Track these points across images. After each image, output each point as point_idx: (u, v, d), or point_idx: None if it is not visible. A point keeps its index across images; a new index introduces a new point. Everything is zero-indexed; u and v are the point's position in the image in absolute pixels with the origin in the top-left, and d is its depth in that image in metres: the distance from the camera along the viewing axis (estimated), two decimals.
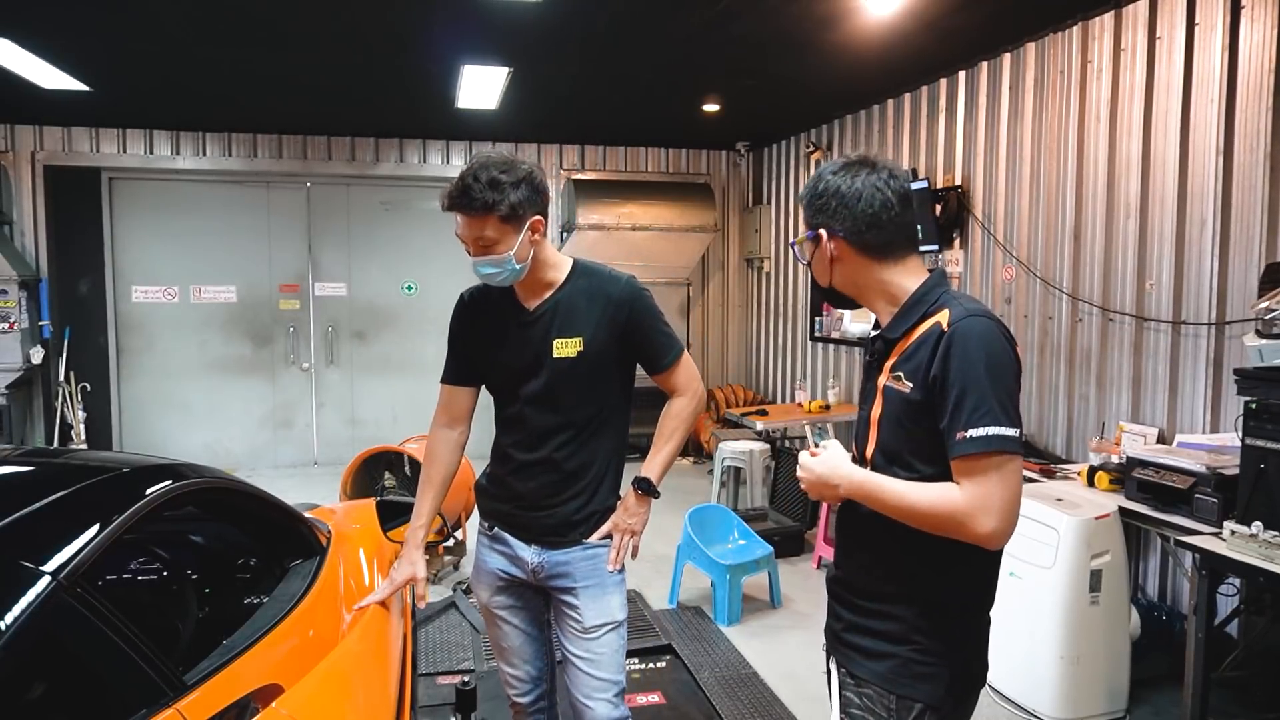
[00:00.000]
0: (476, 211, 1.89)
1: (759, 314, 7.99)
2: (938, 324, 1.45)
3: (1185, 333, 3.67)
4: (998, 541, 1.39)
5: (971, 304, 1.48)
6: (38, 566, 1.31)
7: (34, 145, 6.78)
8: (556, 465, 2.04)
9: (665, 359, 2.09)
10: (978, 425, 1.36)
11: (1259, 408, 2.71)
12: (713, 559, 4.21)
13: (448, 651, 3.83)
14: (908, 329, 1.51)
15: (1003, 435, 1.36)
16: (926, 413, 1.44)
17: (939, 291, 1.52)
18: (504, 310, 2.08)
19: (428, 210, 7.80)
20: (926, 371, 1.43)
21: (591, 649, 2.07)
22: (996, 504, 1.36)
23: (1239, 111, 3.42)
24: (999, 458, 1.36)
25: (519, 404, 2.05)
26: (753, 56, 4.91)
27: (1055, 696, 3.10)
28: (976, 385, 1.38)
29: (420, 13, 4.11)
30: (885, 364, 1.54)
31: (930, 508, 1.41)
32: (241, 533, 2.29)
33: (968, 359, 1.39)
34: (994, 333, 1.42)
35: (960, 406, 1.38)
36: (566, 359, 2.00)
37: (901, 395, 1.48)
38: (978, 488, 1.37)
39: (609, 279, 2.06)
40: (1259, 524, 2.60)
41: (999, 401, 1.37)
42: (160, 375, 7.38)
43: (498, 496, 2.14)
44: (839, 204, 1.53)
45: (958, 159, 5.16)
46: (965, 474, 1.39)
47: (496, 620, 2.20)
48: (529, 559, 2.09)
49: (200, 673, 1.51)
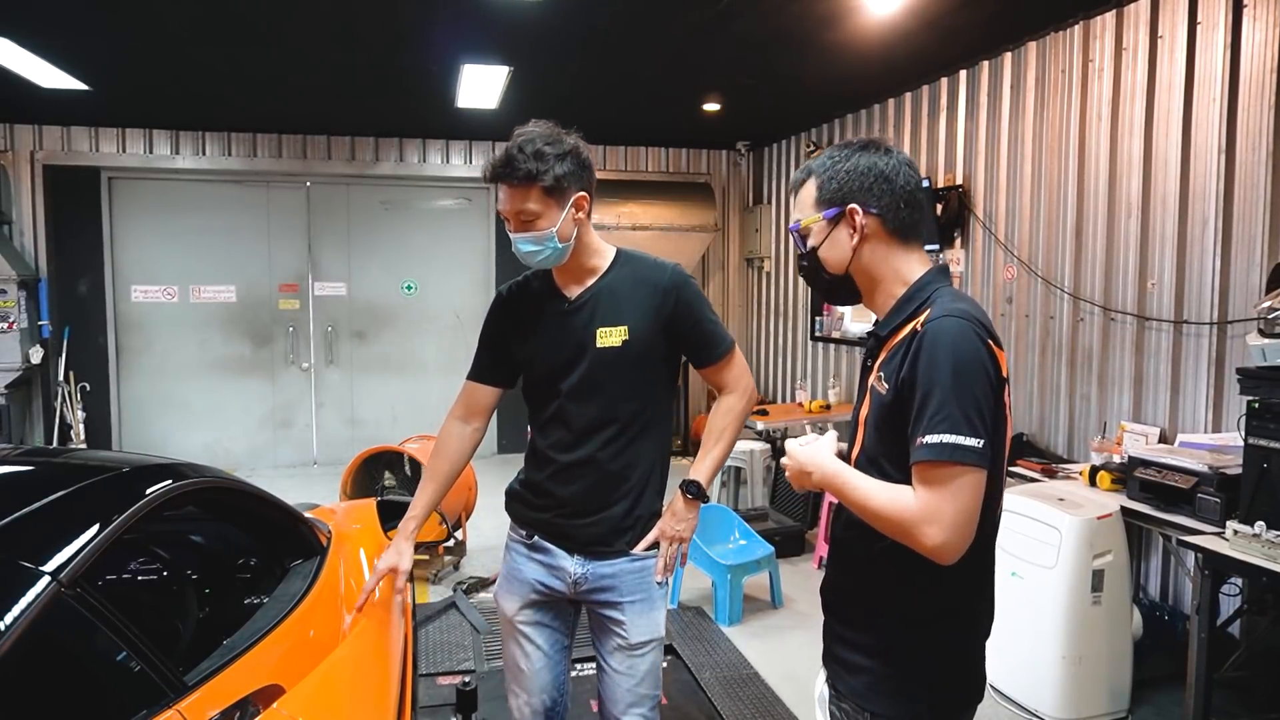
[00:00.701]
0: (519, 181, 1.82)
1: (759, 314, 7.99)
2: (918, 324, 1.39)
3: (1187, 332, 3.66)
4: (945, 555, 1.31)
5: (954, 304, 1.40)
6: (37, 567, 1.31)
7: (33, 145, 6.77)
8: (599, 465, 1.93)
9: (717, 350, 2.00)
10: (934, 432, 1.29)
11: (1262, 407, 2.70)
12: (714, 559, 4.21)
13: (448, 652, 3.82)
14: (896, 327, 1.45)
15: (960, 445, 1.28)
16: (899, 416, 1.38)
17: (933, 288, 1.45)
18: (544, 300, 1.99)
19: (428, 210, 7.79)
20: (898, 373, 1.38)
21: (635, 666, 1.99)
22: (946, 517, 1.29)
23: (1241, 110, 3.42)
24: (954, 468, 1.29)
25: (559, 400, 1.94)
26: (753, 56, 4.91)
27: (1057, 697, 3.10)
28: (939, 390, 1.30)
29: (420, 12, 4.10)
30: (874, 364, 1.49)
31: (883, 508, 1.35)
32: (242, 533, 2.29)
33: (933, 362, 1.32)
34: (966, 334, 1.34)
35: (922, 411, 1.32)
36: (611, 349, 1.90)
37: (879, 396, 1.43)
38: (929, 496, 1.30)
39: (654, 266, 1.98)
40: (1262, 524, 2.59)
41: (961, 408, 1.29)
42: (160, 375, 7.37)
43: (536, 505, 2.01)
44: (877, 179, 1.45)
45: (959, 158, 5.15)
46: (920, 481, 1.32)
47: (518, 636, 2.06)
48: (571, 569, 1.97)
49: (201, 673, 1.51)
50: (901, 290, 1.47)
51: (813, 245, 1.50)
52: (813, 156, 1.49)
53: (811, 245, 1.51)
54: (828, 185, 1.48)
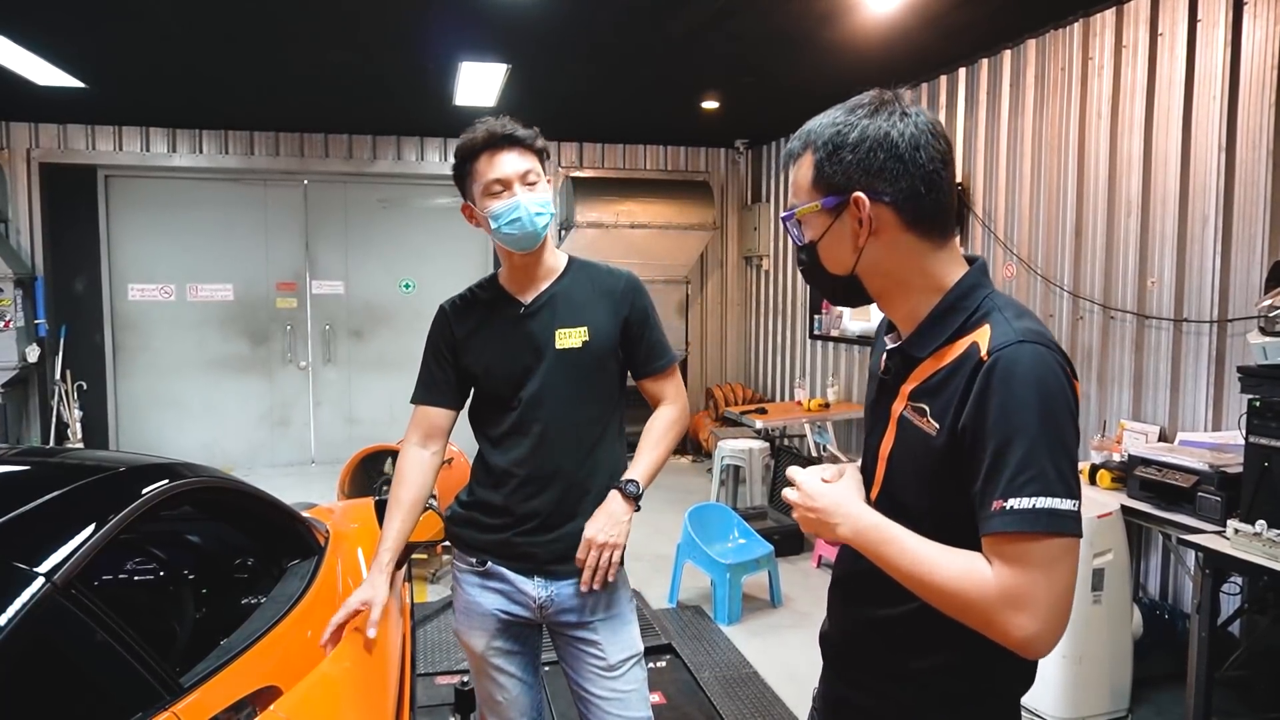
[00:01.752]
0: (522, 141, 1.81)
1: (758, 312, 7.98)
2: (975, 346, 1.10)
3: (1187, 330, 3.66)
4: (1039, 649, 1.04)
5: (1022, 320, 1.11)
6: (31, 568, 1.29)
7: (29, 143, 6.74)
8: (566, 475, 1.86)
9: (663, 360, 1.97)
10: (1022, 494, 1.02)
11: (1263, 406, 2.69)
12: (713, 558, 4.20)
13: (446, 651, 3.81)
14: (939, 346, 1.15)
15: (1055, 511, 1.01)
16: (952, 464, 1.09)
17: (981, 294, 1.15)
18: (496, 307, 1.93)
19: (426, 208, 7.77)
20: (957, 414, 1.08)
21: (617, 688, 1.88)
22: (1042, 602, 1.02)
23: (1241, 108, 3.41)
24: (1049, 540, 1.02)
25: (517, 410, 1.87)
26: (752, 54, 4.90)
27: (1058, 696, 3.09)
28: (1024, 440, 1.02)
29: (418, 9, 4.09)
30: (902, 386, 1.19)
31: (952, 586, 1.06)
32: (239, 533, 2.28)
33: (1014, 404, 1.03)
34: (1052, 368, 1.06)
35: (999, 467, 1.03)
36: (571, 350, 1.86)
37: (926, 437, 1.13)
38: (1016, 577, 1.02)
39: (609, 273, 1.96)
40: (1263, 522, 2.58)
41: (1054, 464, 1.02)
42: (157, 374, 7.35)
43: (490, 526, 1.90)
44: (890, 157, 1.12)
45: (958, 156, 5.14)
46: (1002, 557, 1.04)
47: (491, 671, 1.94)
48: (534, 594, 1.87)
49: (197, 675, 1.49)
50: (934, 298, 1.17)
51: (811, 239, 1.20)
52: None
53: (810, 239, 1.20)
54: (828, 165, 1.16)
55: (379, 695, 1.97)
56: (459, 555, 1.98)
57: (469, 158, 1.86)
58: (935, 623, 1.11)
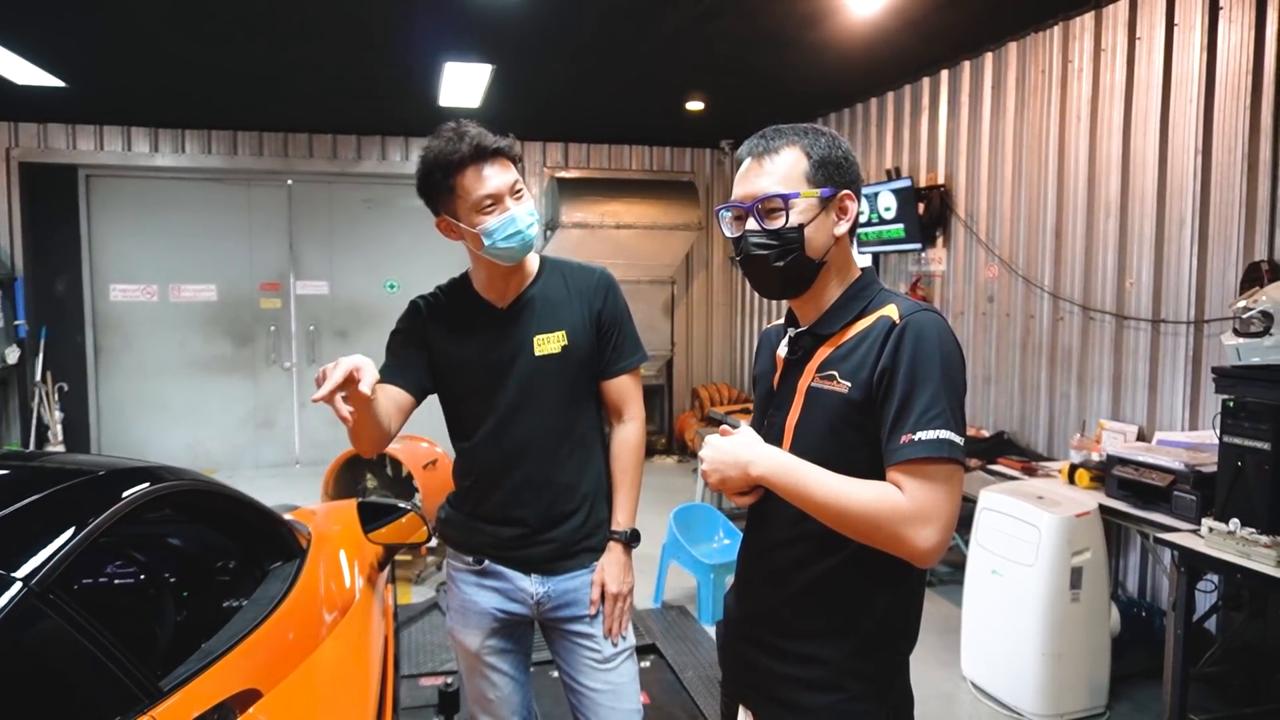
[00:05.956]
0: (508, 152, 1.77)
1: (743, 312, 8.00)
2: (885, 317, 1.32)
3: (1165, 331, 3.70)
4: (932, 558, 1.23)
5: (917, 303, 1.36)
6: (9, 573, 1.29)
7: (9, 142, 6.68)
8: (548, 482, 1.86)
9: (632, 358, 1.94)
10: (929, 427, 1.22)
11: (1236, 406, 2.73)
12: (697, 558, 4.21)
13: (430, 653, 3.81)
14: (843, 325, 1.37)
15: (954, 442, 1.23)
16: (865, 414, 1.29)
17: (877, 287, 1.41)
18: (471, 311, 1.89)
19: (410, 208, 7.74)
20: (872, 367, 1.29)
21: (611, 680, 1.89)
22: (943, 516, 1.22)
23: (1217, 111, 3.45)
24: (949, 466, 1.23)
25: (494, 417, 1.85)
26: (736, 55, 4.91)
27: (1037, 693, 3.12)
28: (930, 384, 1.24)
29: (402, 10, 4.08)
30: (808, 365, 1.39)
31: (867, 507, 1.23)
32: (220, 535, 2.27)
33: (923, 355, 1.25)
34: (948, 332, 1.30)
35: (908, 406, 1.24)
36: (550, 356, 1.84)
37: (837, 396, 1.32)
38: (925, 494, 1.21)
39: (582, 269, 1.94)
40: (1236, 521, 2.62)
41: (950, 405, 1.24)
42: (139, 375, 7.30)
43: (482, 530, 1.91)
44: (858, 171, 1.40)
45: (940, 158, 5.18)
46: (912, 478, 1.23)
47: (485, 669, 1.94)
48: (532, 590, 1.88)
49: (176, 678, 1.49)
50: (842, 288, 1.41)
51: (800, 222, 1.35)
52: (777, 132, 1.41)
53: (798, 222, 1.35)
54: (825, 163, 1.36)
55: (359, 697, 1.97)
56: (454, 554, 1.97)
57: (450, 172, 1.74)
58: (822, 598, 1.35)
